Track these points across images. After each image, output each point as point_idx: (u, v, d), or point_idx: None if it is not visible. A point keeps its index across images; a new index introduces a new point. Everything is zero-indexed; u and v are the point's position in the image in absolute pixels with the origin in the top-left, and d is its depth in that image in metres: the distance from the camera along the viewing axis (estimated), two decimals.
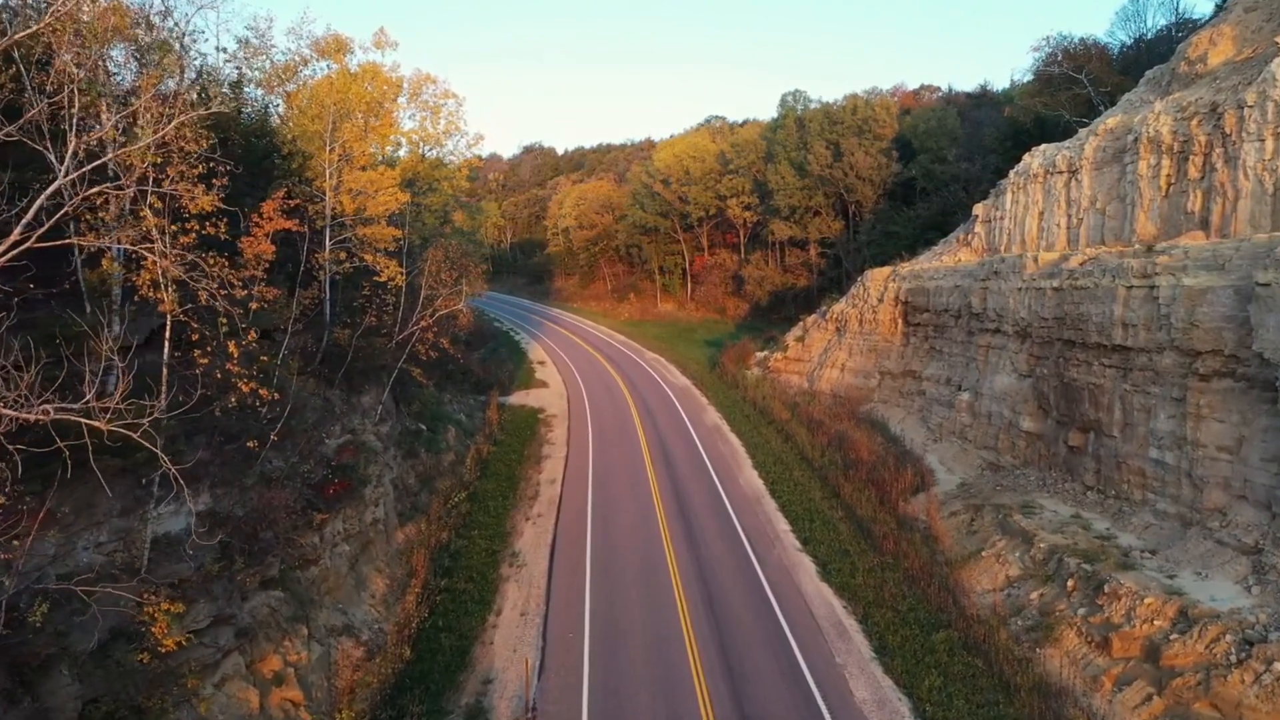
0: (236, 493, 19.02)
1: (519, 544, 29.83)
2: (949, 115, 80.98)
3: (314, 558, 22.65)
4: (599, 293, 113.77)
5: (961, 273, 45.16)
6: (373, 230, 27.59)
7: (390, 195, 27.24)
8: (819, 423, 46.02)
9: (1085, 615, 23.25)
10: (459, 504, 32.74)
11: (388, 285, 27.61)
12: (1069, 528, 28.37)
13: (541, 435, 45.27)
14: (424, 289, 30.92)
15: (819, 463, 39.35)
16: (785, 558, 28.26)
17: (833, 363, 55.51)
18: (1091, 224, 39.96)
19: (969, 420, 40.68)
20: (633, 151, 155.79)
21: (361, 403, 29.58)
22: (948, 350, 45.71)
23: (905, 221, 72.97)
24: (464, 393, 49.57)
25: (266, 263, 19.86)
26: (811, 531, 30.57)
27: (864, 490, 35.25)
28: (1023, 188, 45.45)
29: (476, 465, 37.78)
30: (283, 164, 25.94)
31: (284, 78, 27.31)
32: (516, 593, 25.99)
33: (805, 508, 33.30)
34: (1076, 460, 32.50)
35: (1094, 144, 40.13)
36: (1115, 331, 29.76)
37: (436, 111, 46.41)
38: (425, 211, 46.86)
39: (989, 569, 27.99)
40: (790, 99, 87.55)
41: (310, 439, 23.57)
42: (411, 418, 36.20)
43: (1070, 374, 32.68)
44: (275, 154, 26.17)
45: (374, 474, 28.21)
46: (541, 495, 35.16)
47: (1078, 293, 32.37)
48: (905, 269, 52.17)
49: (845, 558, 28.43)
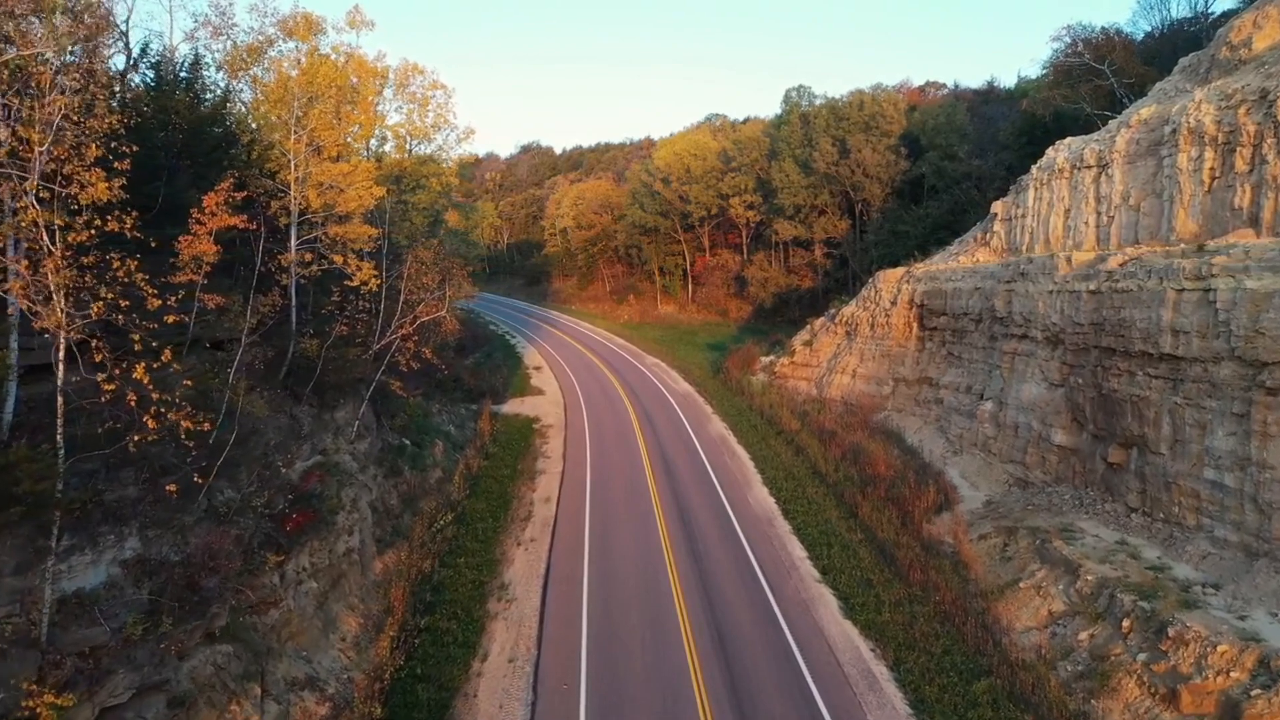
0: (173, 534, 16.34)
1: (509, 574, 27.12)
2: (958, 111, 78.40)
3: (273, 600, 19.95)
4: (597, 294, 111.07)
5: (982, 274, 42.51)
6: (346, 229, 24.92)
7: (364, 189, 24.56)
8: (831, 433, 43.34)
9: (1146, 662, 20.57)
10: (445, 527, 30.03)
11: (361, 290, 24.93)
12: (1116, 556, 25.70)
13: (536, 447, 42.56)
14: (404, 294, 28.17)
15: (833, 478, 36.67)
16: (803, 590, 25.55)
17: (843, 368, 52.84)
18: (1124, 222, 37.31)
19: (993, 432, 38.02)
20: (632, 151, 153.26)
21: (335, 419, 26.88)
22: (967, 356, 43.06)
23: (915, 220, 70.41)
24: (455, 401, 46.84)
25: (209, 265, 17.19)
26: (830, 558, 27.88)
27: (884, 509, 32.59)
28: (1046, 184, 42.81)
29: (465, 482, 35.05)
30: (239, 154, 23.29)
31: (248, 61, 24.66)
32: (505, 634, 23.27)
33: (821, 530, 30.61)
34: (1117, 479, 29.84)
35: (1126, 136, 37.47)
36: (1163, 339, 27.10)
37: (424, 104, 43.88)
38: (413, 210, 44.24)
39: (1028, 602, 25.31)
40: (794, 94, 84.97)
41: (270, 464, 20.87)
42: (395, 432, 33.50)
43: (1110, 384, 30.01)
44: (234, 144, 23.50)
45: (348, 498, 25.52)
46: (535, 516, 32.45)
47: (1119, 296, 29.71)
48: (920, 270, 49.49)
49: (869, 590, 25.75)
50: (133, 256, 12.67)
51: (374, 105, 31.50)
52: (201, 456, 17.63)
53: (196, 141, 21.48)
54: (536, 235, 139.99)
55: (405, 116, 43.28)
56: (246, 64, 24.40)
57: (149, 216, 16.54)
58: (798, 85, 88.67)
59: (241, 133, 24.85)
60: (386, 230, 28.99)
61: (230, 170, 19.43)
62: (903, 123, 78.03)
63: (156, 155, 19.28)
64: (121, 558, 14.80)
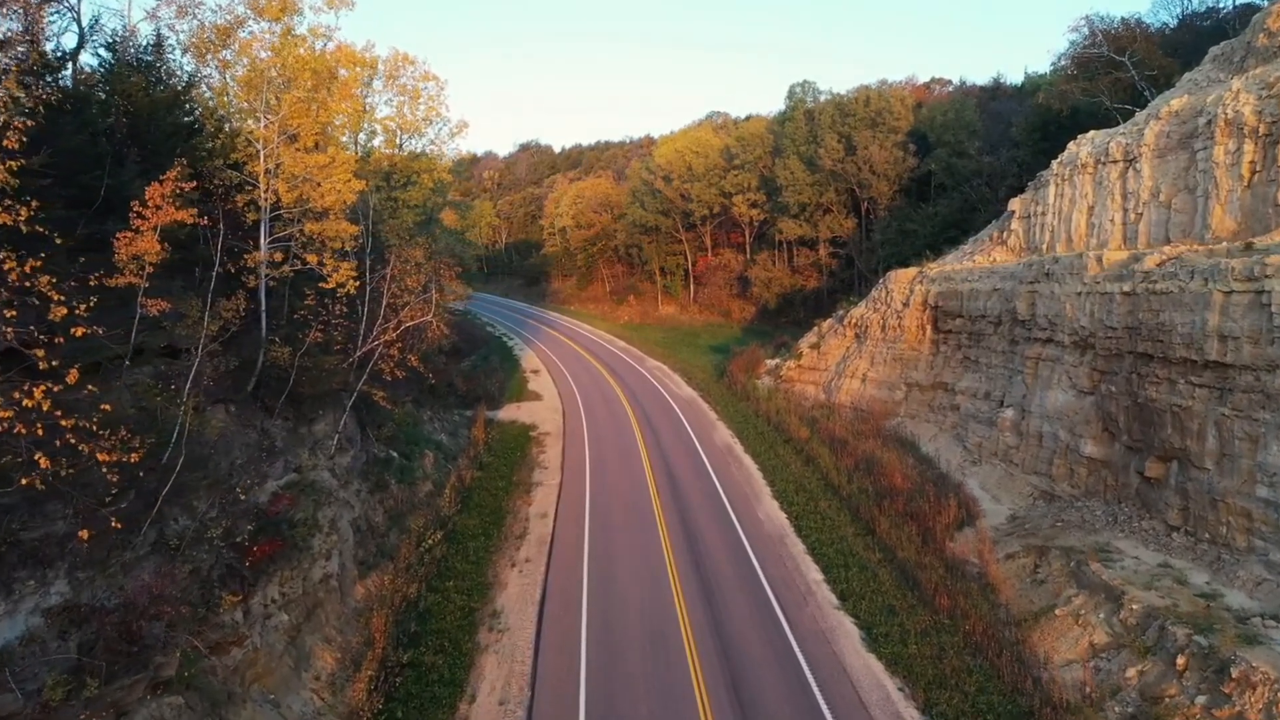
0: (112, 574, 14.28)
1: (502, 600, 25.05)
2: (967, 107, 76.28)
3: (236, 639, 17.90)
4: (597, 295, 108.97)
5: (1001, 274, 40.48)
6: (324, 226, 22.86)
7: (343, 183, 22.48)
8: (842, 441, 41.29)
9: (1208, 706, 18.53)
10: (434, 546, 27.97)
11: (337, 293, 22.86)
12: (1161, 581, 23.65)
13: (533, 457, 40.50)
14: (386, 297, 26.07)
15: (847, 490, 34.61)
16: (821, 619, 23.49)
17: (852, 372, 50.80)
18: (1153, 219, 35.28)
19: (1015, 441, 35.99)
20: (632, 149, 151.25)
21: (313, 432, 24.82)
22: (985, 361, 41.03)
23: (923, 219, 68.41)
24: (448, 408, 44.77)
25: (153, 266, 15.14)
26: (848, 582, 25.82)
27: (902, 526, 30.54)
28: (1068, 179, 40.76)
29: (457, 496, 32.97)
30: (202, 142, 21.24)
31: (217, 43, 22.63)
32: (495, 670, 21.21)
33: (837, 549, 28.55)
34: (1155, 494, 27.81)
35: (1156, 129, 35.43)
36: (1209, 344, 25.08)
37: (415, 96, 41.90)
38: (403, 208, 42.19)
39: (1067, 632, 23.25)
40: (799, 90, 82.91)
41: (235, 486, 18.81)
42: (382, 443, 31.43)
43: (1146, 393, 27.98)
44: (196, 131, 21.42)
45: (326, 519, 23.47)
46: (530, 534, 30.39)
47: (1157, 298, 27.68)
48: (934, 270, 47.44)
49: (892, 618, 23.68)
50: (37, 256, 10.63)
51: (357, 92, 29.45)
52: (151, 481, 15.58)
53: (150, 128, 19.46)
54: (535, 235, 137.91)
55: (395, 109, 41.37)
56: (215, 47, 22.41)
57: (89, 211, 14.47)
58: (802, 81, 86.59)
59: (207, 120, 22.78)
60: (370, 228, 26.93)
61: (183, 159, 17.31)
62: (910, 119, 76.05)
63: (98, 141, 17.23)
64: (45, 605, 12.78)
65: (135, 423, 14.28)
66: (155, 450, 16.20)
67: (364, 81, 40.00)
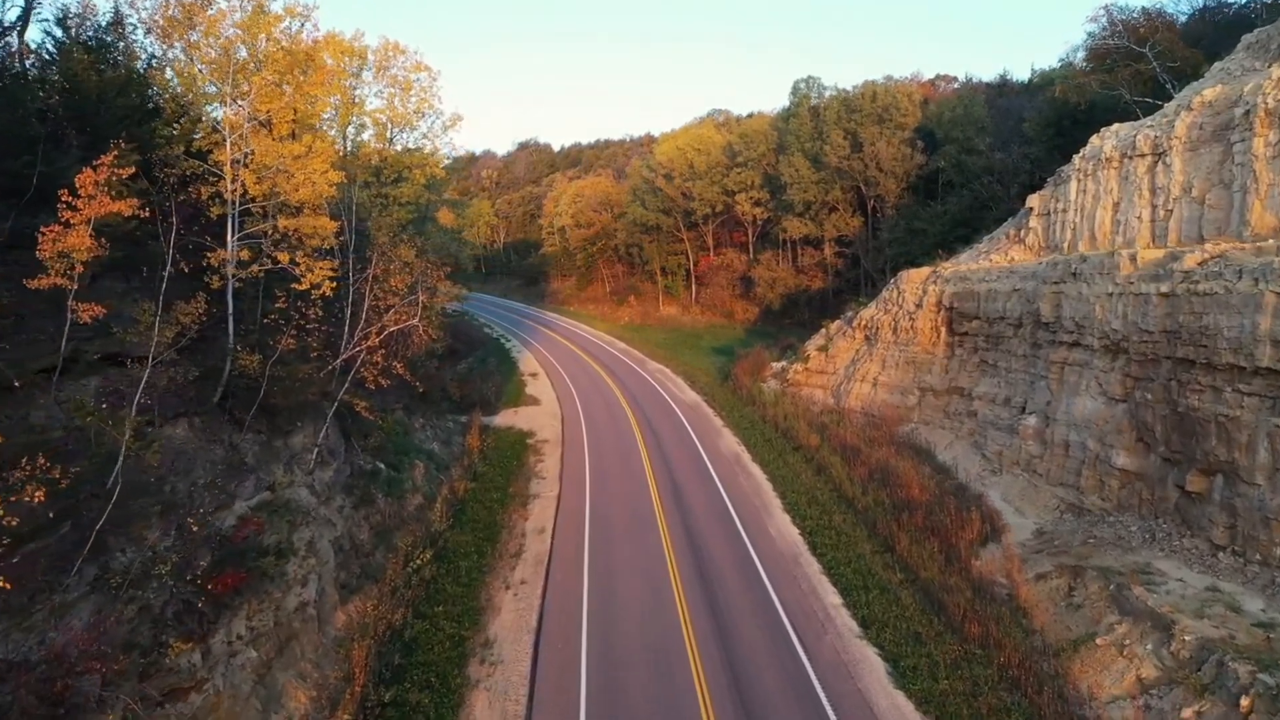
0: (34, 624, 12.34)
1: (494, 627, 23.11)
2: (976, 103, 74.45)
3: (194, 683, 15.95)
4: (597, 295, 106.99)
5: (1021, 274, 38.58)
6: (300, 221, 20.93)
7: (319, 174, 20.50)
8: (854, 449, 39.37)
9: None
10: (422, 566, 26.04)
11: (311, 295, 20.90)
12: (1212, 608, 21.74)
13: (530, 467, 38.56)
14: (368, 299, 24.10)
15: (862, 503, 32.70)
16: (842, 650, 21.55)
17: (862, 376, 48.89)
18: (1185, 215, 33.31)
19: (1038, 450, 34.08)
20: (632, 147, 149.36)
21: (290, 445, 22.88)
22: (1004, 365, 39.14)
23: (932, 217, 66.57)
24: (441, 414, 42.82)
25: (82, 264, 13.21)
26: (869, 607, 23.88)
27: (923, 542, 28.64)
28: (1091, 175, 38.80)
29: (449, 510, 31.03)
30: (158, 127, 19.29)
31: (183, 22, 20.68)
32: (487, 709, 19.28)
33: (855, 569, 26.63)
34: (1197, 510, 25.91)
35: (1187, 120, 33.48)
36: (1260, 350, 23.18)
37: (407, 88, 39.96)
38: (394, 204, 40.26)
39: (1110, 664, 21.32)
40: (803, 86, 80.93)
41: (194, 509, 16.87)
42: (368, 454, 29.48)
43: (1188, 401, 26.06)
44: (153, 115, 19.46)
45: (302, 541, 21.54)
46: (527, 552, 28.44)
47: (1199, 299, 25.76)
48: (948, 269, 45.53)
49: (919, 647, 21.76)
50: None
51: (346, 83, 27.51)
52: (93, 510, 13.65)
53: (99, 111, 17.57)
54: (534, 234, 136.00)
55: (386, 102, 39.40)
56: (180, 27, 20.48)
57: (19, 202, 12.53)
58: (807, 76, 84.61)
59: (169, 105, 20.86)
60: (353, 224, 24.96)
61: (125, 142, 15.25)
62: (918, 115, 74.19)
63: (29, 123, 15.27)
64: None
65: (65, 445, 12.39)
66: (99, 473, 14.27)
67: (352, 72, 38.21)
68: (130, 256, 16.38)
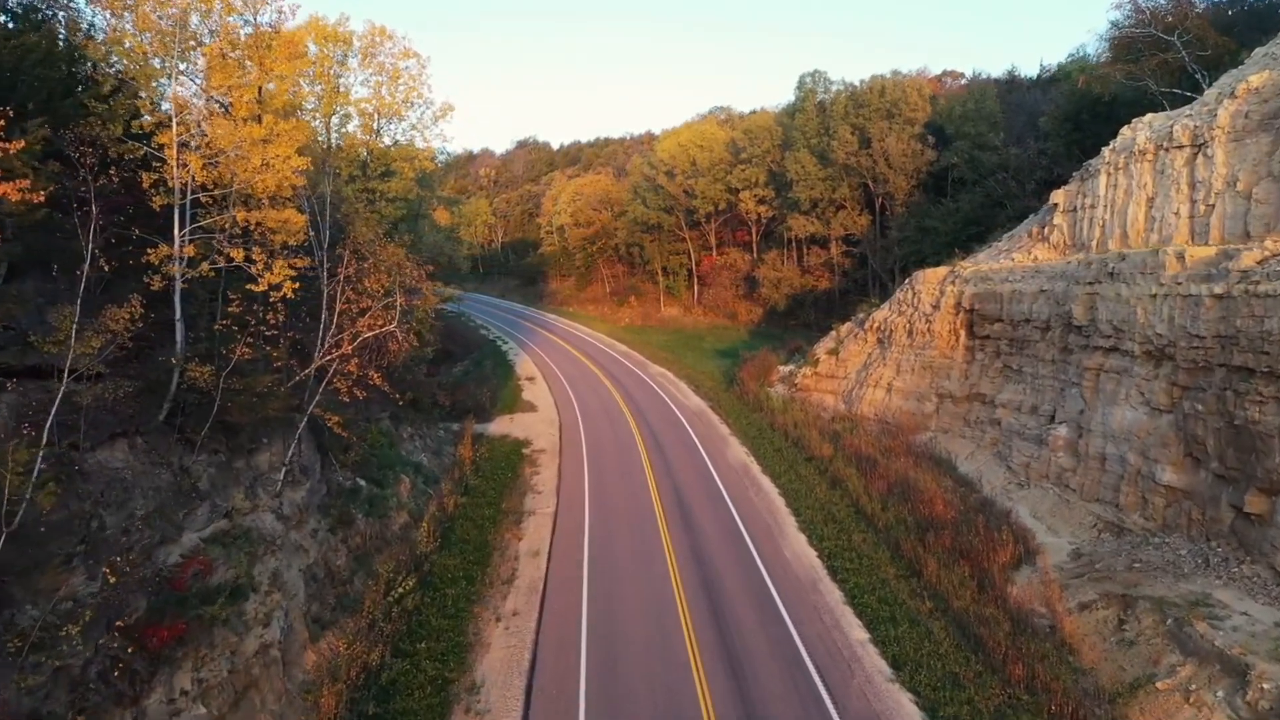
0: None
1: (482, 668, 20.72)
2: (988, 97, 72.19)
3: None
4: (596, 295, 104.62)
5: (1049, 274, 36.25)
6: (263, 215, 18.61)
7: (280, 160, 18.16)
8: (870, 460, 37.01)
9: None
10: (405, 595, 23.68)
11: (270, 297, 18.57)
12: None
13: (526, 479, 36.18)
14: (339, 303, 21.74)
15: (883, 520, 30.34)
16: (874, 697, 19.17)
17: (875, 381, 46.53)
18: (1229, 211, 30.93)
19: (1070, 463, 31.74)
20: (632, 145, 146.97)
21: (254, 465, 20.50)
22: (1030, 370, 36.78)
23: (943, 215, 64.21)
24: (431, 422, 40.44)
25: None
26: (899, 643, 21.51)
27: (953, 566, 26.29)
28: (1123, 168, 36.42)
29: (436, 529, 28.64)
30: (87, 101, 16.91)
31: None
32: None
33: (880, 597, 24.25)
34: (1257, 533, 23.56)
35: (1231, 109, 31.14)
36: None
37: (395, 76, 37.62)
38: (382, 200, 37.91)
39: (1175, 714, 18.93)
40: (809, 80, 78.50)
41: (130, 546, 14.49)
42: (348, 470, 27.11)
43: (1246, 413, 23.71)
44: (78, 87, 17.04)
45: (265, 574, 19.16)
46: (520, 577, 26.06)
47: (1260, 302, 23.43)
48: (968, 269, 43.17)
49: (959, 692, 19.40)
50: None
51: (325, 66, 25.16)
52: None
53: (16, 84, 15.27)
54: (533, 234, 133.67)
55: (372, 91, 37.05)
56: None
57: None
58: (813, 70, 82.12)
59: (105, 81, 18.54)
60: (327, 219, 22.64)
61: (46, 116, 12.99)
62: (927, 109, 71.87)
63: None
64: None
65: None
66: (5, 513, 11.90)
67: (337, 59, 35.90)
68: (27, 250, 14.06)
